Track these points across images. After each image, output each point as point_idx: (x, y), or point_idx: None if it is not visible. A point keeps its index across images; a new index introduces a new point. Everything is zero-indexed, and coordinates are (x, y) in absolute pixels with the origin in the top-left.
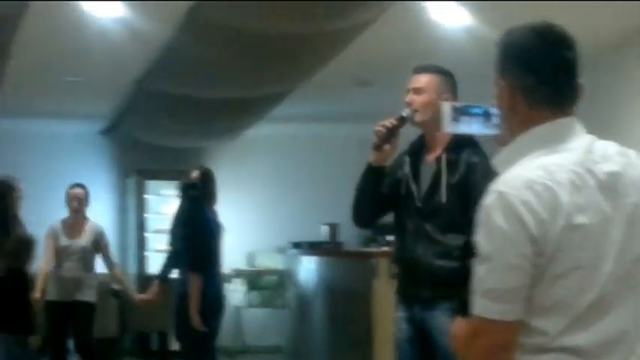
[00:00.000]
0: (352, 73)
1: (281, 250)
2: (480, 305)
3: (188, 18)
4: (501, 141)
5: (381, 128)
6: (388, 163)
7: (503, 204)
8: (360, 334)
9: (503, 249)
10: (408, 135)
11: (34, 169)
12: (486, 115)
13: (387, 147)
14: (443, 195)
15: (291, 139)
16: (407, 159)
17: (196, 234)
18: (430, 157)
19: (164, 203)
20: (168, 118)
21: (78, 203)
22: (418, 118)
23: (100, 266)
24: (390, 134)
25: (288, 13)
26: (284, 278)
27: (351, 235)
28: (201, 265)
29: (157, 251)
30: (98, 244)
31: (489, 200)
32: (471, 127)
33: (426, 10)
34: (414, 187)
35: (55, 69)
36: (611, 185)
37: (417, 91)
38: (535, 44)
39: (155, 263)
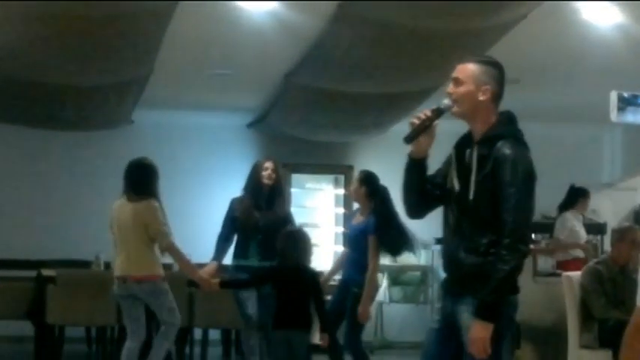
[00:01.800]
0: None
1: (425, 246)
2: None
3: (339, 12)
4: None
5: (416, 120)
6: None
7: None
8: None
9: None
10: None
11: (183, 161)
12: None
13: (422, 139)
14: (471, 192)
15: (438, 135)
16: (453, 152)
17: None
18: (468, 151)
19: (309, 197)
20: (316, 112)
21: None
22: (456, 110)
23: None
24: (425, 126)
25: (440, 11)
26: (426, 274)
27: None
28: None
29: None
30: None
31: None
32: (637, 117)
33: (575, 8)
34: (455, 182)
35: (205, 62)
36: None
37: (457, 81)
38: None
39: None
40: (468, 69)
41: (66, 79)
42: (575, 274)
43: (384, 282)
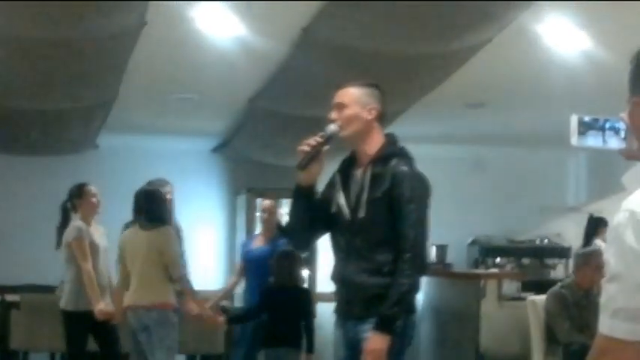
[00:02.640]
0: (464, 94)
1: None
2: (609, 325)
3: (303, 37)
4: (631, 156)
5: (306, 147)
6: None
7: (635, 223)
8: (467, 356)
9: (634, 269)
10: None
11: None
12: (614, 130)
13: (313, 166)
14: (363, 211)
15: None
16: (338, 176)
17: None
18: (358, 172)
19: None
20: (280, 136)
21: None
22: (344, 133)
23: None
24: (316, 152)
25: (404, 34)
26: None
27: (459, 257)
28: None
29: None
30: None
31: (620, 219)
32: (597, 141)
33: (539, 33)
34: (343, 202)
35: (170, 86)
36: None
37: (340, 106)
38: None
39: None
40: (351, 92)
41: (30, 103)
42: (540, 298)
43: None
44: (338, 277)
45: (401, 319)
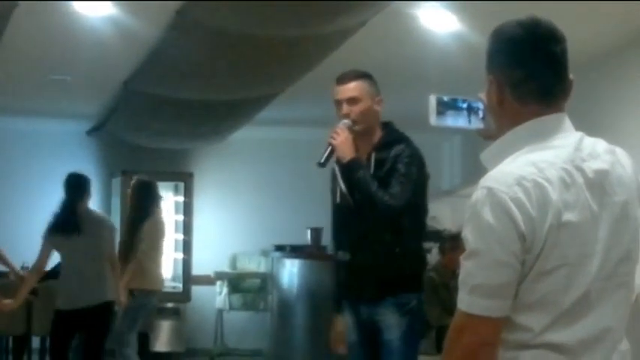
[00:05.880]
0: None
1: (265, 253)
2: (467, 301)
3: (177, 19)
4: (489, 136)
5: (334, 138)
6: None
7: (493, 200)
8: None
9: (492, 245)
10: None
11: (20, 168)
12: (473, 109)
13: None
14: None
15: (277, 142)
16: (337, 167)
17: None
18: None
19: None
20: (155, 119)
21: None
22: (359, 127)
23: None
24: (332, 149)
25: (277, 17)
26: (266, 281)
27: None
28: None
29: None
30: None
31: (478, 196)
32: (457, 121)
33: (415, 15)
34: (347, 193)
35: (43, 67)
36: (598, 183)
37: (352, 101)
38: (523, 38)
39: None
40: (361, 86)
41: None
42: None
43: (224, 289)
44: (347, 262)
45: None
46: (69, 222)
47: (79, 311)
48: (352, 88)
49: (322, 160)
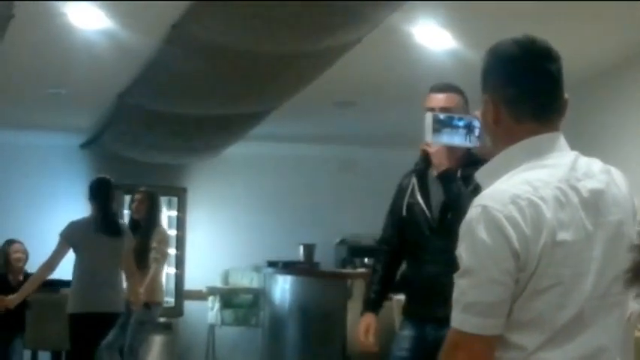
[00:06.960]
0: (333, 93)
1: (257, 269)
2: (460, 319)
3: (172, 33)
4: (485, 154)
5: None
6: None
7: (488, 218)
8: (334, 356)
9: (486, 263)
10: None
11: (14, 181)
12: (469, 128)
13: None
14: (451, 211)
15: (271, 158)
16: (414, 179)
17: None
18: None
19: None
20: (149, 133)
21: None
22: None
23: None
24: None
25: (273, 33)
26: (258, 297)
27: (327, 256)
28: None
29: None
30: None
31: (473, 214)
32: (452, 139)
33: (410, 33)
34: (424, 206)
35: (38, 81)
36: (593, 203)
37: (446, 111)
38: (518, 56)
39: None
40: (456, 99)
41: None
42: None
43: (215, 304)
44: (419, 278)
45: None
46: (110, 223)
47: (94, 315)
48: (447, 98)
49: (418, 167)
